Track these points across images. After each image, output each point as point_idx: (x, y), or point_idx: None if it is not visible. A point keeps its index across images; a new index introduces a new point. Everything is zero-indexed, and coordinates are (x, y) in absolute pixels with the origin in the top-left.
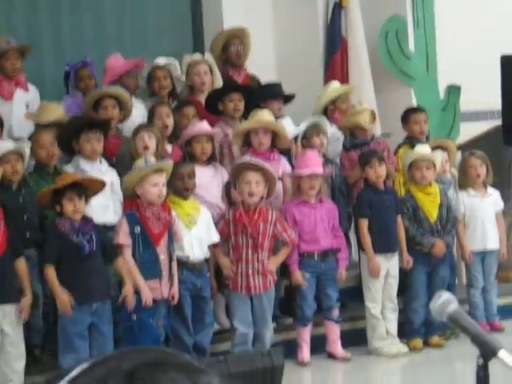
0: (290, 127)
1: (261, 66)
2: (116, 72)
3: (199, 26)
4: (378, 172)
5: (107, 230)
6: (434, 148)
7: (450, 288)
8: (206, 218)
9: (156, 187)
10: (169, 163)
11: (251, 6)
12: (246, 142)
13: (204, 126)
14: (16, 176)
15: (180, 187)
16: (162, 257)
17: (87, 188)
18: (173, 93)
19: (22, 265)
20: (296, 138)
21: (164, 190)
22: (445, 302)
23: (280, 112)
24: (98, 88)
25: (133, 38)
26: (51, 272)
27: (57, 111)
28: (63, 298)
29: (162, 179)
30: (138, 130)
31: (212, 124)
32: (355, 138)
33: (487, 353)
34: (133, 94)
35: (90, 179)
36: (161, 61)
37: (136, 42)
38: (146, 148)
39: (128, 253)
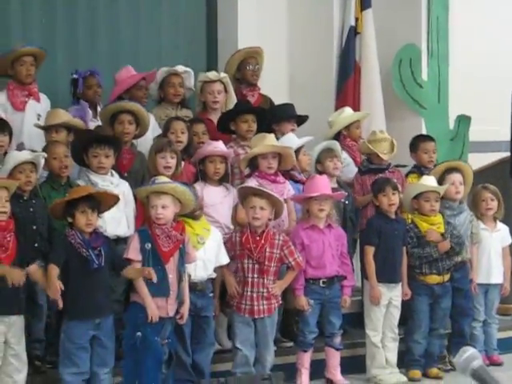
0: (294, 140)
1: (273, 86)
2: (126, 84)
3: (213, 44)
4: (392, 200)
5: (120, 242)
6: (448, 169)
7: (469, 316)
8: (216, 239)
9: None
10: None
11: (266, 26)
12: (252, 164)
13: (219, 145)
14: (29, 186)
15: None
16: (171, 276)
17: (100, 202)
18: (183, 101)
19: (33, 268)
20: (299, 150)
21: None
22: (469, 358)
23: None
24: (114, 103)
25: (147, 54)
26: (55, 270)
27: (64, 116)
28: (56, 286)
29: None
30: (161, 148)
31: (223, 143)
32: (371, 163)
33: None
34: (143, 106)
35: (104, 193)
36: (180, 68)
37: (150, 58)
38: (167, 168)
39: None
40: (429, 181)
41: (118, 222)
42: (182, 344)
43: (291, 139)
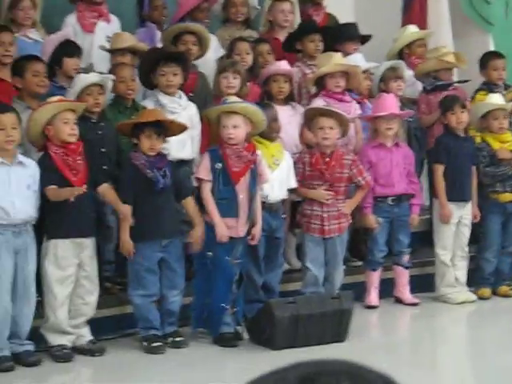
0: (361, 63)
1: (339, 5)
2: (188, 5)
3: None
4: (460, 118)
5: (183, 165)
6: None
7: None
8: (288, 162)
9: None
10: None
11: None
12: (319, 83)
13: (282, 65)
14: (97, 108)
15: (266, 130)
16: (241, 196)
17: (167, 128)
18: (247, 21)
19: (106, 189)
20: (365, 72)
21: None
22: None
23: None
24: (178, 24)
25: None
26: (128, 212)
27: (130, 40)
28: (129, 244)
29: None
30: (224, 67)
31: (290, 63)
32: (437, 81)
33: None
34: (205, 28)
35: (171, 121)
36: None
37: None
38: (230, 87)
39: (207, 188)
40: (495, 98)
41: (183, 145)
42: (255, 264)
43: (358, 60)
